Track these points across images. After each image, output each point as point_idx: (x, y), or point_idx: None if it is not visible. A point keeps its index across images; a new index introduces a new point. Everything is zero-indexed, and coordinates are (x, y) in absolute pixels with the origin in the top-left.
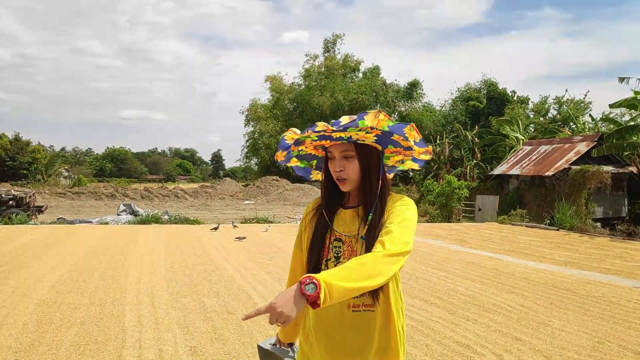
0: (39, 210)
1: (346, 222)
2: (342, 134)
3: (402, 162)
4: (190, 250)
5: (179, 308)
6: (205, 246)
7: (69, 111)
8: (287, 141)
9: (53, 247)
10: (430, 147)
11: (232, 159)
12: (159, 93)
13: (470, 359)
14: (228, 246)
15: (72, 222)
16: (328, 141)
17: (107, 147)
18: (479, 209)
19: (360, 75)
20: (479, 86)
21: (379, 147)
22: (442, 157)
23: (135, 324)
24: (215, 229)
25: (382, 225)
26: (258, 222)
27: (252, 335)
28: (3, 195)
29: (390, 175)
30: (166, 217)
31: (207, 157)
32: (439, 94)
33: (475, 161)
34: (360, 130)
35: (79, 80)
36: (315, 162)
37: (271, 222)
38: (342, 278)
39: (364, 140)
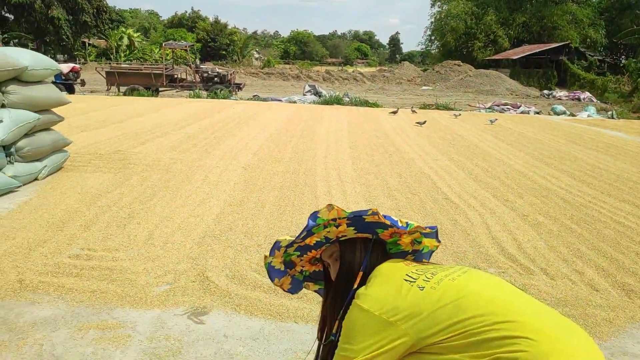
0: (238, 87)
1: None
2: (317, 238)
3: (419, 242)
4: (371, 131)
5: (363, 184)
6: (385, 129)
7: None
8: (276, 267)
9: (251, 120)
10: (413, 228)
11: (410, 42)
12: None
13: None
14: (408, 130)
15: (265, 100)
16: (314, 251)
17: (292, 31)
18: None
19: None
20: None
21: (369, 236)
22: None
23: (326, 194)
24: (394, 112)
25: None
26: (438, 109)
27: (434, 216)
28: (209, 72)
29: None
30: (347, 99)
31: (384, 40)
32: None
33: None
34: (327, 227)
35: None
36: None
37: (452, 109)
38: None
39: (345, 235)
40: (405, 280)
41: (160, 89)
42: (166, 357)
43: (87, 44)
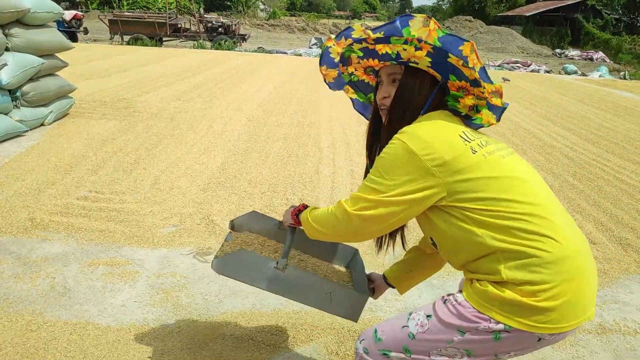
0: (243, 38)
1: None
2: (388, 49)
3: (477, 109)
4: None
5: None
6: None
7: None
8: (331, 55)
9: (256, 72)
10: (499, 86)
11: None
12: None
13: None
14: None
15: (269, 52)
16: (376, 61)
17: None
18: None
19: None
20: None
21: (438, 77)
22: None
23: (329, 146)
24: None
25: None
26: None
27: None
28: (214, 22)
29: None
30: None
31: None
32: None
33: None
34: (407, 44)
35: None
36: (372, 96)
37: None
38: (313, 216)
39: (416, 63)
40: (461, 137)
41: (164, 38)
42: (172, 292)
43: None
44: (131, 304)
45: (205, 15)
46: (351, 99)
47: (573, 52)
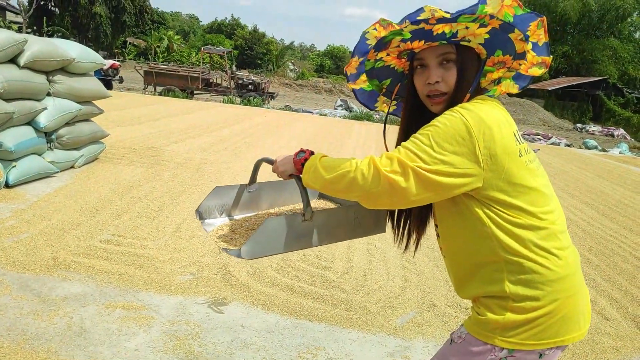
0: (271, 96)
1: None
2: (447, 28)
3: (499, 82)
4: None
5: None
6: None
7: (299, 6)
8: (367, 41)
9: (282, 128)
10: (549, 58)
11: None
12: None
13: None
14: None
15: (296, 110)
16: (422, 42)
17: (328, 45)
18: None
19: None
20: None
21: (484, 53)
22: None
23: None
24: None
25: None
26: None
27: None
28: (244, 79)
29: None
30: (377, 116)
31: None
32: None
33: None
34: (474, 22)
35: None
36: (388, 82)
37: None
38: (325, 165)
39: (469, 41)
40: (514, 135)
41: (195, 91)
42: (186, 340)
43: (128, 43)
44: (144, 348)
45: (237, 72)
46: (354, 90)
47: (594, 128)
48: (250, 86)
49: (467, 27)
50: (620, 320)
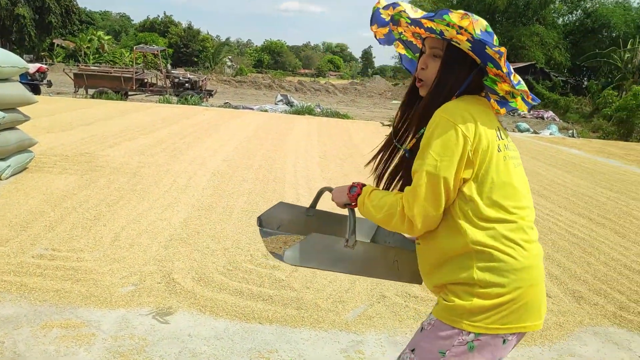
0: (210, 93)
1: None
2: (433, 25)
3: (513, 95)
4: (341, 142)
5: None
6: (355, 140)
7: (234, 2)
8: (382, 16)
9: (222, 127)
10: (525, 89)
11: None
12: None
13: (638, 284)
14: (377, 142)
15: (236, 107)
16: (422, 30)
17: (265, 40)
18: None
19: None
20: None
21: (478, 60)
22: (629, 65)
23: (294, 201)
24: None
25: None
26: None
27: None
28: (181, 78)
29: (502, 110)
30: (318, 109)
31: (357, 54)
32: None
33: None
34: (449, 27)
35: None
36: (418, 56)
37: None
38: (374, 204)
39: (458, 43)
40: (496, 131)
41: (129, 92)
42: (130, 356)
43: (55, 45)
44: None
45: (172, 71)
46: (399, 54)
47: (525, 111)
48: (187, 85)
49: (447, 30)
50: (561, 297)
